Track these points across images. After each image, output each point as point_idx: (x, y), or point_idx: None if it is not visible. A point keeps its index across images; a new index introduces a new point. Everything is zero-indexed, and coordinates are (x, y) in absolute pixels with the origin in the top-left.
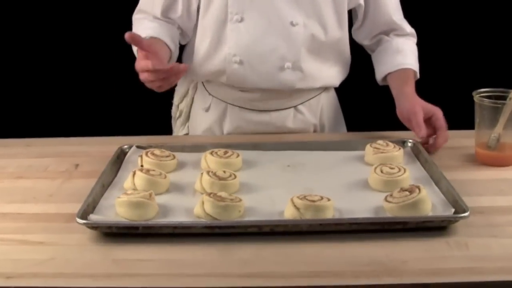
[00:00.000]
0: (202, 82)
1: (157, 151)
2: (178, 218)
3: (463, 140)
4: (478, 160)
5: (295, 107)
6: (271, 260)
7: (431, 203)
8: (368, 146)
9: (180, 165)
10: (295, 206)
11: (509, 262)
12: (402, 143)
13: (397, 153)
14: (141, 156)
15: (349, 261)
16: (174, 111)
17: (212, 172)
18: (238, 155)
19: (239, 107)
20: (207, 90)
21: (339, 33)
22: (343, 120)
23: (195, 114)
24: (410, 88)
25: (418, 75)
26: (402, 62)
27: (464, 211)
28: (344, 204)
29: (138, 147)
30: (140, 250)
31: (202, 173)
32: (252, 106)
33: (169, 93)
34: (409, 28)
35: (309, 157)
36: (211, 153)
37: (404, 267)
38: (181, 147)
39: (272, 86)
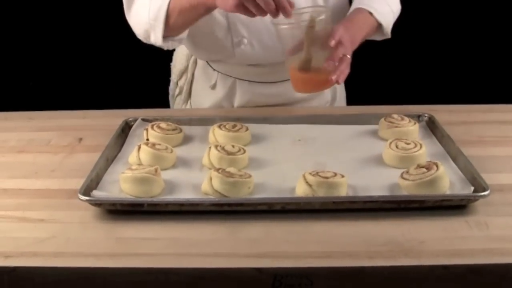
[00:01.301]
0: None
1: (163, 124)
2: (185, 194)
3: (479, 114)
4: (295, 88)
5: None
6: (281, 239)
7: (449, 181)
8: (382, 120)
9: (187, 139)
10: (307, 182)
11: None
12: (417, 117)
13: (413, 128)
14: (147, 130)
15: (363, 241)
16: (172, 89)
17: (220, 146)
18: (247, 129)
19: (248, 81)
20: (211, 67)
21: (342, 2)
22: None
23: (198, 91)
24: (348, 18)
25: (379, 20)
26: (359, 2)
27: (484, 190)
28: (358, 181)
29: (143, 120)
30: (145, 228)
31: (210, 147)
32: (261, 78)
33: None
34: None
35: (320, 131)
36: (219, 127)
37: (422, 248)
38: (188, 120)
39: (282, 59)
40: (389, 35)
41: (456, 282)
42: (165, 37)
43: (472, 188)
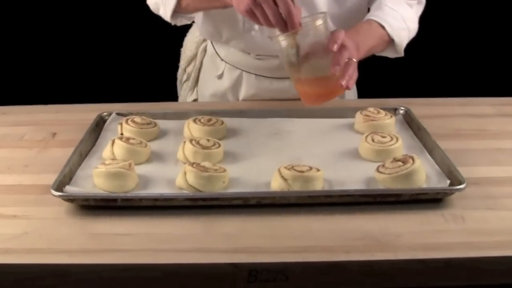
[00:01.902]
0: (214, 47)
1: (137, 119)
2: (159, 189)
3: (456, 108)
4: (305, 102)
5: None
6: (256, 234)
7: (425, 174)
8: (358, 114)
9: (162, 133)
10: (282, 177)
11: (507, 236)
12: (393, 110)
13: (389, 121)
14: (121, 124)
15: (339, 235)
16: (180, 74)
17: (195, 140)
18: (222, 123)
19: (255, 74)
20: (219, 56)
21: (356, 2)
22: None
23: (205, 80)
24: (354, 27)
25: (391, 34)
26: (371, 14)
27: (460, 183)
28: (334, 174)
29: (118, 114)
30: (119, 224)
31: (184, 142)
32: (268, 73)
33: (149, 59)
34: None
35: (297, 125)
36: (194, 121)
37: (398, 242)
38: (163, 114)
39: None
40: (401, 53)
41: (433, 276)
42: (175, 13)
43: (448, 181)
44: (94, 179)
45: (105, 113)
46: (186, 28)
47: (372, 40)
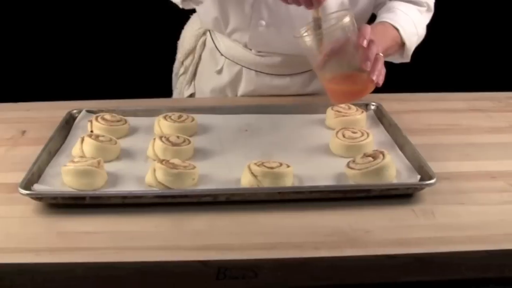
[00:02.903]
0: (214, 42)
1: (107, 116)
2: (129, 187)
3: (428, 103)
4: (336, 101)
5: (311, 70)
6: (226, 231)
7: (396, 169)
8: (329, 109)
9: (132, 130)
10: (252, 173)
11: (477, 231)
12: (365, 106)
13: (360, 117)
14: (91, 121)
15: (309, 232)
16: (177, 67)
17: (165, 137)
18: (193, 119)
19: (255, 71)
20: (219, 50)
21: (366, 3)
22: None
23: (203, 74)
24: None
25: (403, 38)
26: (384, 16)
27: (431, 178)
28: (304, 170)
29: (88, 111)
30: (88, 222)
31: (154, 139)
32: (269, 70)
33: (124, 56)
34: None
35: (268, 121)
36: (165, 117)
37: (368, 237)
38: (134, 111)
39: (296, 52)
40: (409, 58)
41: (402, 271)
42: None
43: (419, 176)
44: (63, 177)
45: (75, 111)
46: (180, 20)
47: (388, 42)
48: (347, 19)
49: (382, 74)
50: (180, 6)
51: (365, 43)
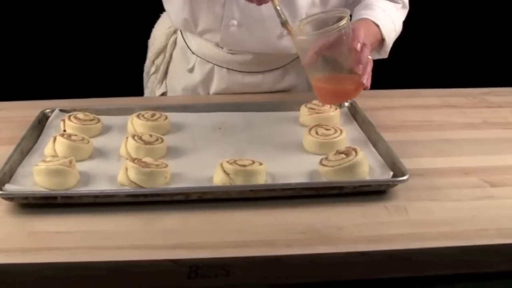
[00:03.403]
0: (185, 40)
1: (80, 115)
2: (101, 186)
3: (402, 100)
4: (323, 101)
5: (283, 66)
6: (198, 230)
7: (369, 166)
8: (303, 107)
9: (106, 129)
10: (224, 171)
11: (450, 227)
12: (339, 103)
13: (333, 114)
14: (64, 120)
15: (281, 229)
16: (148, 66)
17: (137, 136)
18: (166, 117)
19: (227, 68)
20: (190, 49)
21: (337, 3)
22: None
23: (174, 73)
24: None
25: (383, 34)
26: (363, 13)
27: (403, 174)
28: (277, 168)
29: (61, 110)
30: (59, 222)
31: (127, 137)
32: (241, 68)
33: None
34: None
35: (241, 119)
36: (138, 116)
37: (340, 235)
38: (107, 110)
39: (268, 51)
40: (386, 55)
41: (375, 268)
42: None
43: (391, 173)
44: (35, 177)
45: (48, 110)
46: (151, 19)
47: (371, 40)
48: (344, 21)
49: (370, 77)
50: None
51: (359, 46)
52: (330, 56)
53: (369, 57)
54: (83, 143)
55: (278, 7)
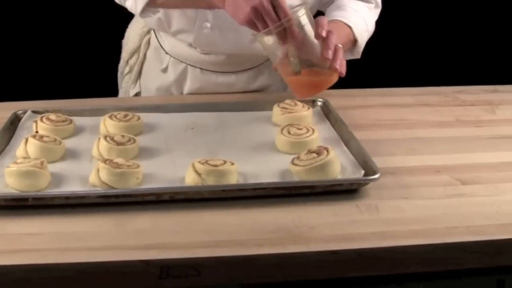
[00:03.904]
0: (158, 40)
1: (52, 116)
2: (73, 187)
3: (376, 98)
4: (299, 94)
5: (257, 67)
6: (169, 230)
7: (341, 165)
8: (275, 106)
9: (78, 130)
10: (196, 171)
11: (421, 225)
12: (311, 102)
13: (306, 113)
14: (36, 122)
15: (253, 229)
16: (122, 66)
17: (109, 136)
18: (139, 118)
19: (200, 68)
20: (163, 49)
21: (315, 2)
22: None
23: (148, 73)
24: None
25: (356, 35)
26: (335, 14)
27: (375, 173)
28: (249, 168)
29: (33, 112)
30: (30, 224)
31: (99, 138)
32: (214, 68)
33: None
34: None
35: (214, 119)
36: (110, 117)
37: (311, 234)
38: (80, 111)
39: (241, 53)
40: (359, 55)
41: (346, 266)
42: (146, 7)
43: (363, 172)
44: (6, 179)
45: (20, 111)
46: (124, 19)
47: (342, 39)
48: (302, 12)
49: (344, 64)
50: (140, 16)
51: (324, 33)
52: (299, 51)
53: (339, 45)
54: (55, 144)
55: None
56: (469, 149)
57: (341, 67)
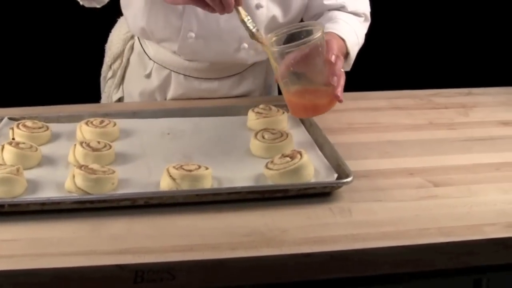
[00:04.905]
0: (142, 46)
1: (29, 123)
2: (48, 193)
3: (350, 102)
4: (296, 114)
5: (240, 73)
6: (143, 235)
7: (314, 169)
8: (250, 111)
9: (55, 137)
10: (170, 176)
11: (393, 227)
12: (286, 106)
13: (281, 117)
14: (12, 129)
15: (226, 233)
16: (105, 71)
17: (85, 143)
18: (115, 124)
19: (184, 75)
20: (147, 55)
21: (298, 13)
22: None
23: (132, 78)
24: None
25: (348, 48)
26: (328, 26)
27: (347, 176)
28: (224, 172)
29: (10, 118)
30: (6, 230)
31: (75, 145)
32: (198, 74)
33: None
34: (353, 8)
35: (190, 124)
36: (86, 123)
37: (284, 237)
38: (56, 117)
39: (224, 61)
40: (349, 68)
41: (319, 269)
42: None
43: (336, 175)
44: None
45: None
46: (108, 23)
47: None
48: (319, 33)
49: (343, 89)
50: (80, 3)
51: (333, 58)
52: (304, 69)
53: (342, 70)
54: (31, 151)
55: (246, 19)
56: (442, 151)
57: (341, 94)
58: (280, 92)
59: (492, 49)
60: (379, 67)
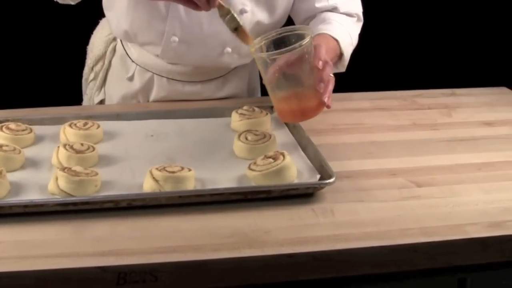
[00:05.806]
0: (124, 48)
1: (12, 125)
2: (32, 196)
3: (334, 103)
4: (283, 119)
5: (223, 76)
6: (126, 237)
7: (297, 170)
8: (234, 113)
9: (38, 139)
10: (153, 178)
11: (375, 227)
12: (270, 108)
13: (265, 118)
14: None
15: (209, 234)
16: (87, 73)
17: (69, 145)
18: (98, 126)
19: (166, 78)
20: (129, 57)
21: (283, 17)
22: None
23: (114, 80)
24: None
25: (342, 49)
26: (322, 27)
27: (330, 177)
28: (207, 174)
29: None
30: None
31: (58, 147)
32: (181, 77)
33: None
34: (346, 9)
35: (174, 126)
36: (70, 125)
37: (267, 238)
38: (40, 119)
39: (208, 65)
40: (344, 69)
41: (301, 270)
42: None
43: (319, 176)
44: None
45: None
46: (89, 25)
47: (331, 54)
48: (307, 40)
49: (331, 95)
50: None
51: (320, 64)
52: (292, 74)
53: (331, 75)
54: (14, 153)
55: (231, 13)
56: (425, 152)
57: (328, 99)
58: (263, 94)
59: (475, 50)
60: (363, 68)
